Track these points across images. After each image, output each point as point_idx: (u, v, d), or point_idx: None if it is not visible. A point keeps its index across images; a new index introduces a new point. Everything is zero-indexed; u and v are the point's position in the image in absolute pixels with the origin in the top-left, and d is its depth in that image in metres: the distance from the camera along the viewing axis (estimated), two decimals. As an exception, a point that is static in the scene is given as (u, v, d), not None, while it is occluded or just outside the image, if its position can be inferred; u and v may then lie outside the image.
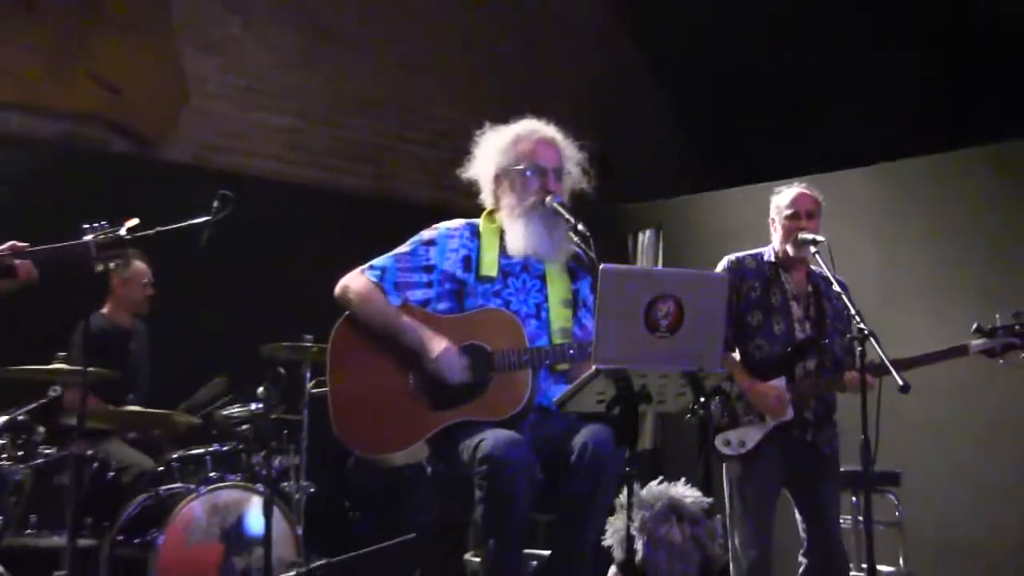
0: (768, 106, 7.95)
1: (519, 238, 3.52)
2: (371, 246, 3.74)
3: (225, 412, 5.47)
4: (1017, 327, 4.43)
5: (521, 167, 3.55)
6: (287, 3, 7.53)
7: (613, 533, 3.05)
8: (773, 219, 4.77)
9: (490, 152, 3.66)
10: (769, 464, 4.53)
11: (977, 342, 4.47)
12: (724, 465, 4.65)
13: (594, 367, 2.83)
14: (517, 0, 8.42)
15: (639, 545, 2.93)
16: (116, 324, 5.80)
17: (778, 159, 6.66)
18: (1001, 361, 4.48)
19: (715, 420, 4.53)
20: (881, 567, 4.00)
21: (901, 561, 5.39)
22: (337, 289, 3.58)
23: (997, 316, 4.49)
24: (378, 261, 3.58)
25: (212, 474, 5.19)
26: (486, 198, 3.69)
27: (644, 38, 8.84)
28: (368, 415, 3.49)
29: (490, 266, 3.54)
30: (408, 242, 3.63)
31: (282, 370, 5.23)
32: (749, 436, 4.51)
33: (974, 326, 4.51)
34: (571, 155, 3.65)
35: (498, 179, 3.62)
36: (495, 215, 3.64)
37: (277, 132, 7.50)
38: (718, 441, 4.54)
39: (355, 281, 3.55)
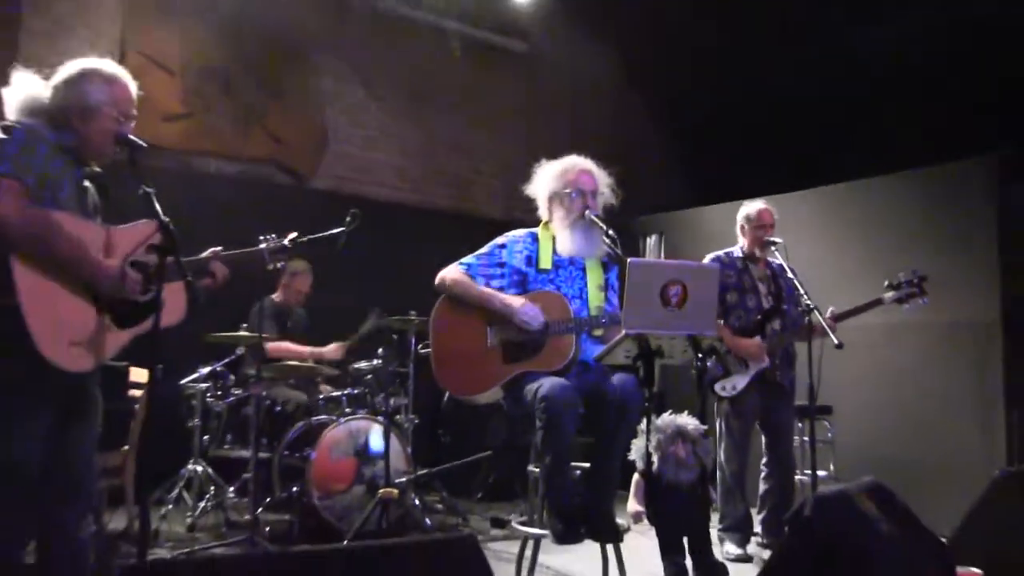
0: (741, 147, 7.87)
1: (567, 242, 3.48)
2: (455, 249, 3.71)
3: (355, 366, 5.49)
4: (915, 280, 4.40)
5: (568, 191, 3.50)
6: (396, 76, 7.53)
7: (636, 450, 3.02)
8: (743, 227, 4.74)
9: (544, 179, 3.60)
10: (750, 402, 4.50)
11: (889, 294, 4.44)
12: (716, 404, 4.62)
13: (623, 332, 2.81)
14: (561, 74, 8.34)
15: (655, 459, 2.89)
16: (280, 306, 5.81)
17: (746, 184, 6.60)
18: (906, 306, 4.43)
19: (711, 373, 4.51)
20: (819, 472, 3.98)
21: (831, 467, 5.39)
22: (437, 279, 3.55)
23: (900, 274, 4.47)
24: (466, 259, 3.56)
25: (347, 409, 5.21)
26: (542, 212, 3.63)
27: (653, 100, 8.80)
28: (459, 368, 3.47)
29: (546, 261, 3.49)
30: (487, 245, 3.60)
31: (395, 336, 5.25)
32: (738, 382, 4.49)
33: (885, 283, 4.48)
34: (603, 180, 3.59)
35: (551, 199, 3.56)
36: (549, 225, 3.59)
37: (389, 168, 7.51)
38: (716, 387, 4.52)
39: (451, 272, 3.53)
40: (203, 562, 2.15)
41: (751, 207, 4.73)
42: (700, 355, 2.84)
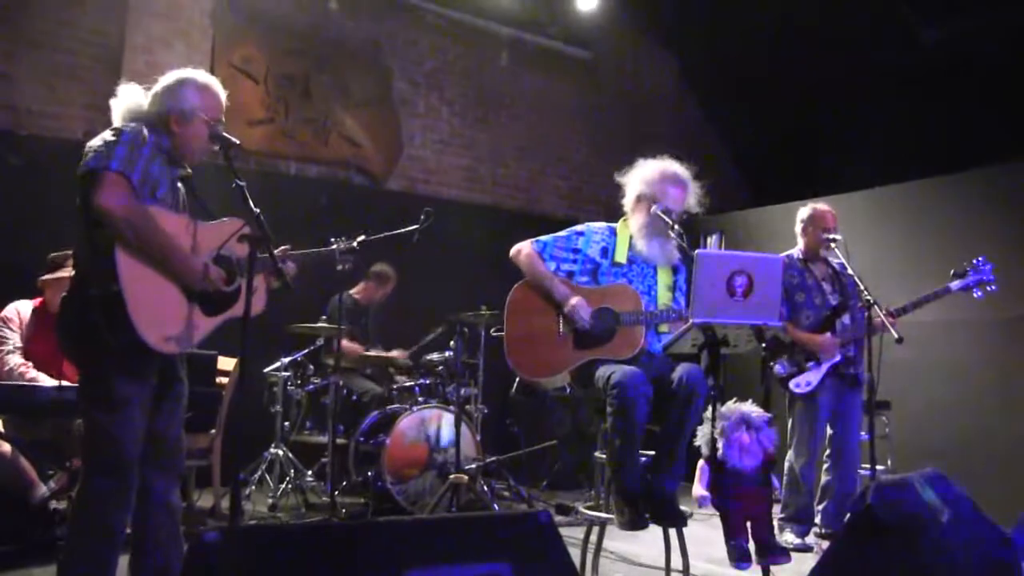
0: (795, 150, 7.76)
1: (643, 248, 3.44)
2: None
3: (428, 357, 5.56)
4: (980, 267, 4.26)
5: (656, 201, 3.42)
6: (466, 85, 7.63)
7: (702, 437, 3.00)
8: (805, 227, 4.63)
9: (640, 177, 3.51)
10: (823, 397, 4.41)
11: (956, 283, 4.29)
12: (788, 400, 4.54)
13: (691, 321, 2.79)
14: (621, 80, 8.38)
15: (720, 445, 2.87)
16: (357, 302, 5.90)
17: (799, 186, 6.55)
18: (977, 294, 4.27)
19: (784, 370, 4.43)
20: (878, 467, 3.88)
21: (889, 462, 5.25)
22: (512, 250, 3.54)
23: (964, 263, 4.32)
24: (543, 238, 3.52)
25: (420, 398, 5.28)
26: (626, 205, 3.54)
27: (709, 103, 8.75)
28: (531, 350, 3.44)
29: (621, 256, 3.46)
30: (566, 230, 3.56)
31: (466, 329, 5.28)
32: (813, 377, 4.40)
33: (952, 272, 4.33)
34: (693, 197, 3.51)
35: (639, 199, 3.48)
36: (628, 222, 3.53)
37: (460, 170, 7.59)
38: (791, 384, 4.44)
39: (525, 247, 3.51)
40: (287, 529, 2.20)
41: (813, 208, 4.64)
42: (763, 344, 2.81)
